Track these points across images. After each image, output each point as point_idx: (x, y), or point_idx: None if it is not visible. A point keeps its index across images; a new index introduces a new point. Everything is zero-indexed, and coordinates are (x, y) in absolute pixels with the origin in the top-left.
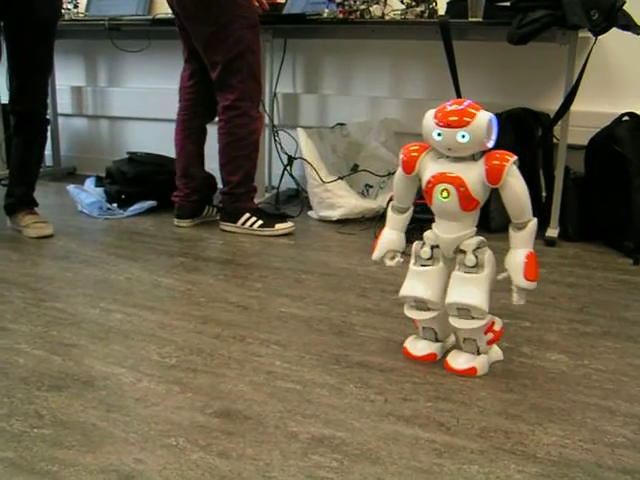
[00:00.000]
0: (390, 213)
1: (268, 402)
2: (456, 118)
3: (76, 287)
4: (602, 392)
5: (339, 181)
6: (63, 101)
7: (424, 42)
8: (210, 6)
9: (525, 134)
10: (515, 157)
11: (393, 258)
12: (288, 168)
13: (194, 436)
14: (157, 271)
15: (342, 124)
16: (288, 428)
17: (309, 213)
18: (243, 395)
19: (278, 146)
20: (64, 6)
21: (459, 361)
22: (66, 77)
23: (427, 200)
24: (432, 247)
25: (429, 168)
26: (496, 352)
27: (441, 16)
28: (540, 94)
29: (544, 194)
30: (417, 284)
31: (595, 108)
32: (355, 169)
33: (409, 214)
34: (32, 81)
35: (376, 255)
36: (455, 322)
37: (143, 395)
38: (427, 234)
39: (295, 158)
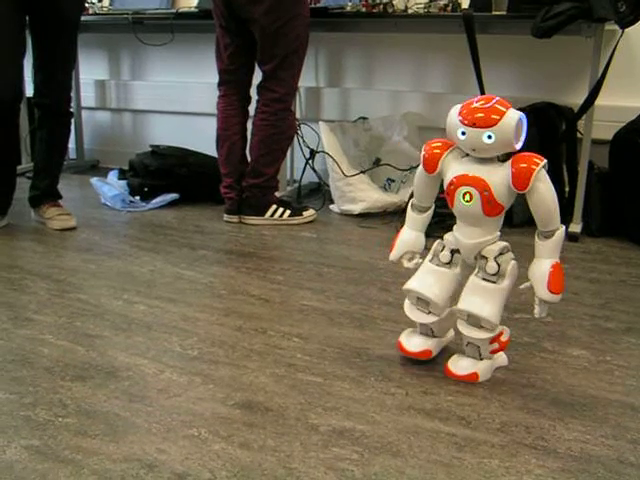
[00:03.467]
0: (410, 212)
1: (289, 394)
2: (482, 116)
3: (99, 279)
4: (624, 388)
5: (361, 175)
6: (87, 94)
7: (447, 35)
8: (283, 1)
9: (549, 128)
10: (545, 161)
11: (411, 259)
12: (310, 162)
13: (216, 427)
14: (179, 263)
15: (364, 118)
16: (309, 420)
17: (331, 207)
18: (264, 387)
19: (300, 140)
20: (89, 0)
21: (460, 365)
22: (90, 71)
23: (449, 202)
24: (452, 251)
25: (452, 168)
26: (501, 357)
27: (465, 9)
28: (564, 88)
29: (567, 189)
30: (425, 280)
31: (620, 102)
32: (377, 163)
33: (430, 213)
34: (56, 75)
35: (394, 255)
36: (462, 328)
37: (165, 386)
38: (447, 237)
39: (317, 152)
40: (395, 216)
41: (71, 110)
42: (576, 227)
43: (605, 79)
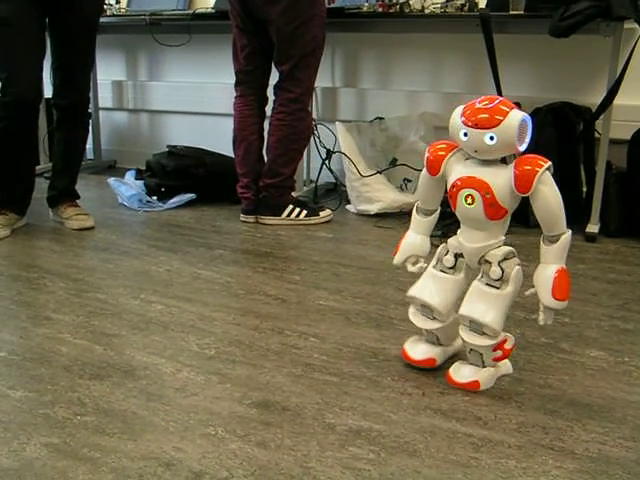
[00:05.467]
0: (415, 215)
1: (306, 394)
2: (485, 116)
3: (117, 278)
4: None
5: (377, 175)
6: (104, 95)
7: (464, 35)
8: (299, 2)
9: (566, 128)
10: (549, 163)
11: (415, 263)
12: (327, 162)
13: (233, 426)
14: (196, 263)
15: (381, 118)
16: (326, 420)
17: (347, 207)
18: (281, 386)
19: (317, 140)
20: (107, 1)
21: (462, 374)
22: (107, 71)
23: (452, 205)
24: (456, 255)
25: (455, 170)
26: (505, 365)
27: (482, 9)
28: (582, 88)
29: (585, 189)
30: (428, 288)
31: (639, 102)
32: (394, 163)
33: (435, 216)
34: (74, 76)
35: (398, 259)
36: (464, 334)
37: (183, 385)
38: (451, 241)
39: (334, 152)
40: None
41: (89, 111)
42: (594, 227)
43: (624, 78)
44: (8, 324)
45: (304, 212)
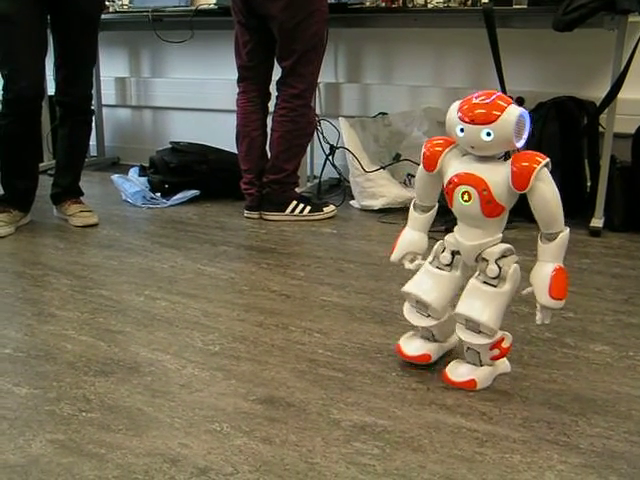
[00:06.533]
0: (412, 212)
1: (310, 389)
2: (482, 112)
3: (121, 275)
4: None
5: (381, 171)
6: (107, 92)
7: (467, 30)
8: None
9: (570, 123)
10: (547, 159)
11: (412, 260)
12: (330, 157)
13: (238, 422)
14: (200, 260)
15: (384, 113)
16: (330, 415)
17: (351, 202)
18: (286, 382)
19: (320, 135)
20: None
21: (458, 372)
22: (110, 68)
23: (448, 202)
24: (453, 253)
25: (452, 166)
26: (503, 364)
27: (485, 3)
28: (586, 81)
29: (589, 183)
30: (424, 283)
31: None
32: (397, 158)
33: (433, 213)
34: (77, 73)
35: (395, 256)
36: (461, 333)
37: (187, 381)
38: (448, 238)
39: (337, 147)
40: None
41: (92, 108)
42: (598, 222)
43: (628, 72)
44: (13, 321)
45: (308, 208)
